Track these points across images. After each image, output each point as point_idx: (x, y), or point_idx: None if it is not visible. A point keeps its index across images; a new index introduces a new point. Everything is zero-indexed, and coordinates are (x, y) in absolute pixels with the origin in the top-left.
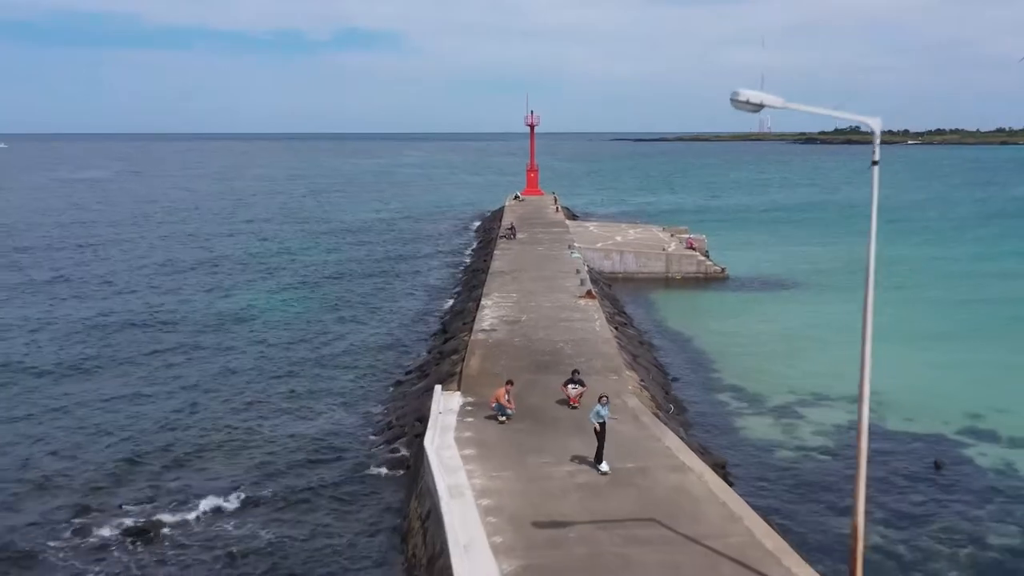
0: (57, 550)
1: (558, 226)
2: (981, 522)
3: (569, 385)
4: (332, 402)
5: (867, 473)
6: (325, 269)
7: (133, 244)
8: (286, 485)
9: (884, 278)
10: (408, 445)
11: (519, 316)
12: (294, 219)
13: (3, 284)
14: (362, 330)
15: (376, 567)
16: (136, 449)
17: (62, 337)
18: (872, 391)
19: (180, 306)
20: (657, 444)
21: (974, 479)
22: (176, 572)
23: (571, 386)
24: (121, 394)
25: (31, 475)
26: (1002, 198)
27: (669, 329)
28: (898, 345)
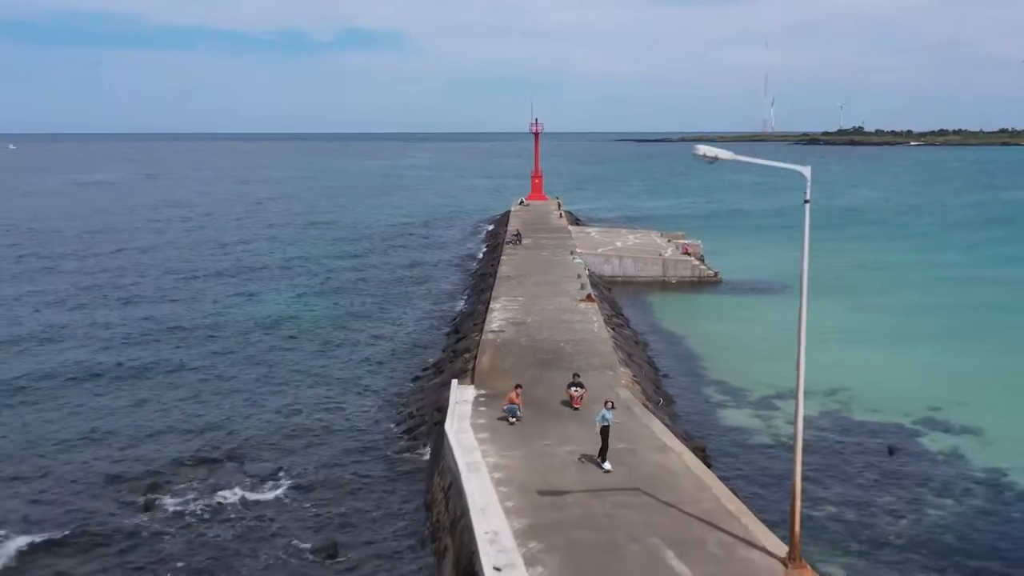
0: (140, 522)
1: (561, 231)
2: (922, 498)
3: (572, 388)
4: (359, 396)
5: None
6: (343, 274)
7: (163, 251)
8: (324, 467)
9: (868, 282)
10: (428, 432)
11: (525, 318)
12: (310, 224)
13: (53, 291)
14: (381, 332)
15: (405, 531)
16: (195, 439)
17: (116, 342)
18: (842, 386)
19: (215, 312)
20: (644, 430)
21: (922, 463)
22: (236, 537)
23: (573, 388)
24: (175, 393)
25: (107, 462)
26: (996, 202)
27: (663, 330)
28: (871, 345)
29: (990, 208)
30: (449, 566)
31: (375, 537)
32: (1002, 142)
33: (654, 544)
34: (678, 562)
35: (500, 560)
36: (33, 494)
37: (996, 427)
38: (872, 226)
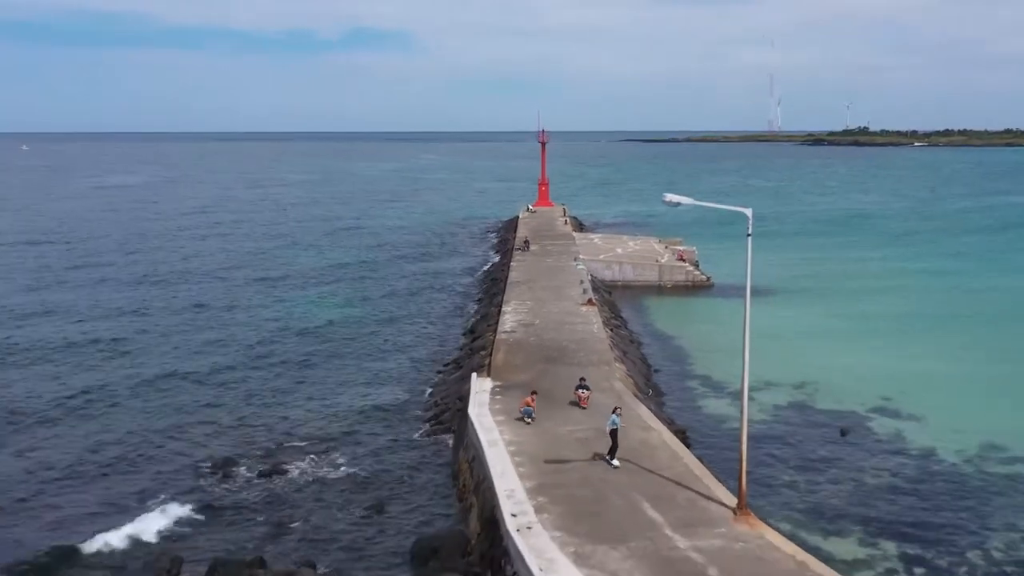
0: (228, 489)
1: (566, 238)
2: (862, 471)
3: (579, 389)
4: (392, 388)
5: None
6: (366, 280)
7: (203, 260)
8: (367, 445)
9: (849, 286)
10: (452, 416)
11: (533, 320)
12: (333, 229)
13: (115, 302)
14: (406, 332)
15: (436, 493)
16: (257, 416)
17: (183, 348)
18: (809, 379)
19: (257, 317)
20: (632, 414)
21: (867, 443)
22: (305, 499)
23: (580, 390)
24: (238, 389)
25: (193, 446)
26: (985, 207)
27: (657, 330)
28: (840, 343)
29: (982, 212)
30: (475, 517)
31: (413, 498)
32: (1006, 143)
33: (635, 498)
34: (652, 511)
35: (516, 509)
36: (150, 474)
37: (935, 414)
38: (863, 232)
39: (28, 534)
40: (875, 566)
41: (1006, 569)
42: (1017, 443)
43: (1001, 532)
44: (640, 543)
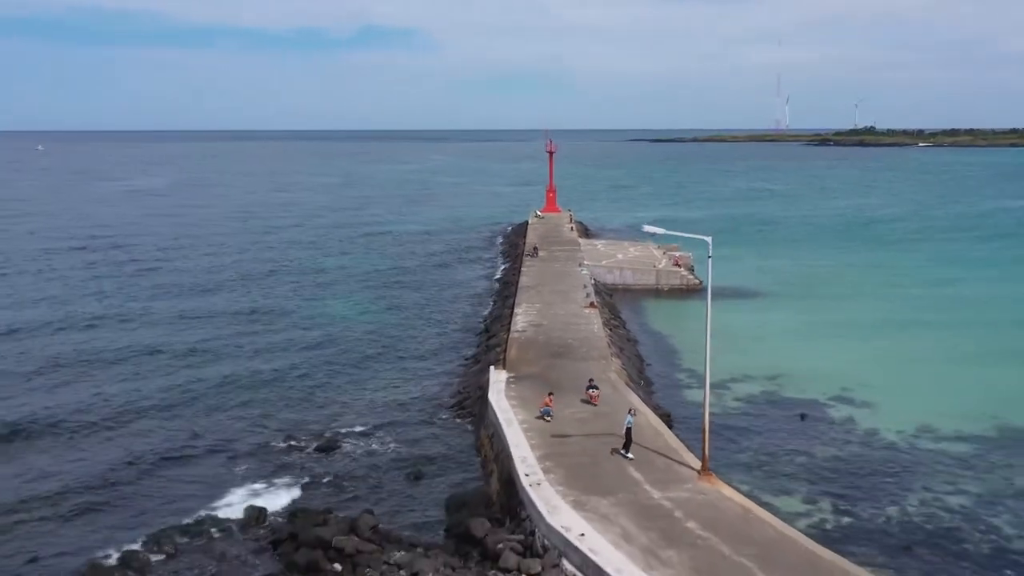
0: (286, 458)
1: (572, 244)
2: (814, 447)
3: (589, 389)
4: (420, 379)
5: (751, 421)
6: (391, 282)
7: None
8: (403, 426)
9: (829, 288)
10: (474, 402)
11: (541, 321)
12: (357, 235)
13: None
14: (429, 331)
15: (463, 462)
16: (310, 405)
17: (245, 347)
18: (781, 372)
19: (301, 316)
20: (624, 400)
21: (823, 425)
22: (354, 467)
23: (591, 390)
24: (291, 373)
25: (254, 423)
26: (974, 211)
27: (652, 329)
28: (811, 340)
29: (973, 218)
30: (495, 479)
31: (445, 466)
32: (1010, 143)
33: (623, 464)
34: (636, 473)
35: (528, 471)
36: (234, 453)
37: (883, 403)
38: (854, 237)
39: (147, 504)
40: (811, 516)
41: (915, 519)
42: (945, 426)
43: (917, 492)
44: (624, 495)
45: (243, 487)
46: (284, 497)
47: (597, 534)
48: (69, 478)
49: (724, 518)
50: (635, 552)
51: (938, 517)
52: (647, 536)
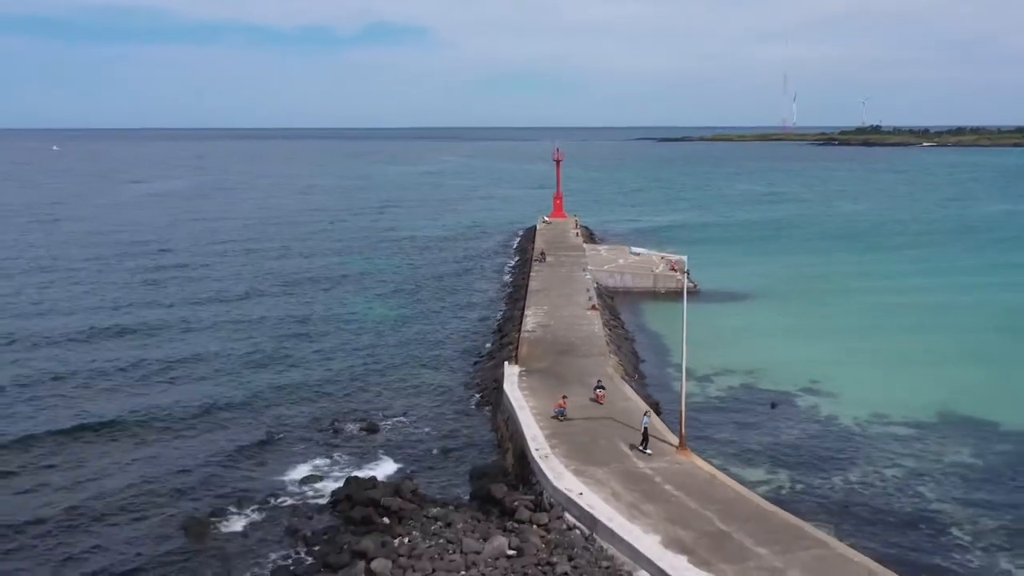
0: (333, 437)
1: (577, 250)
2: (780, 430)
3: (597, 389)
4: (443, 372)
5: (727, 409)
6: (412, 284)
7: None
8: (429, 412)
9: (812, 291)
10: (491, 392)
11: (548, 322)
12: (378, 239)
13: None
14: (448, 329)
15: (483, 441)
16: (350, 393)
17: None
18: (758, 366)
19: (335, 316)
20: (619, 391)
21: (790, 412)
22: (390, 444)
23: (598, 390)
24: (333, 366)
25: (306, 409)
26: (966, 216)
27: (648, 329)
28: (789, 338)
29: (960, 222)
30: (510, 454)
31: (468, 443)
32: (1014, 143)
33: (615, 441)
34: (625, 448)
35: (537, 446)
36: (292, 437)
37: (845, 393)
38: (844, 240)
39: (232, 475)
40: (769, 484)
41: (854, 486)
42: (894, 414)
43: (860, 467)
44: (615, 465)
45: (305, 462)
46: (339, 468)
47: (593, 493)
48: (167, 461)
49: (694, 482)
50: (622, 506)
51: (874, 486)
52: (632, 495)
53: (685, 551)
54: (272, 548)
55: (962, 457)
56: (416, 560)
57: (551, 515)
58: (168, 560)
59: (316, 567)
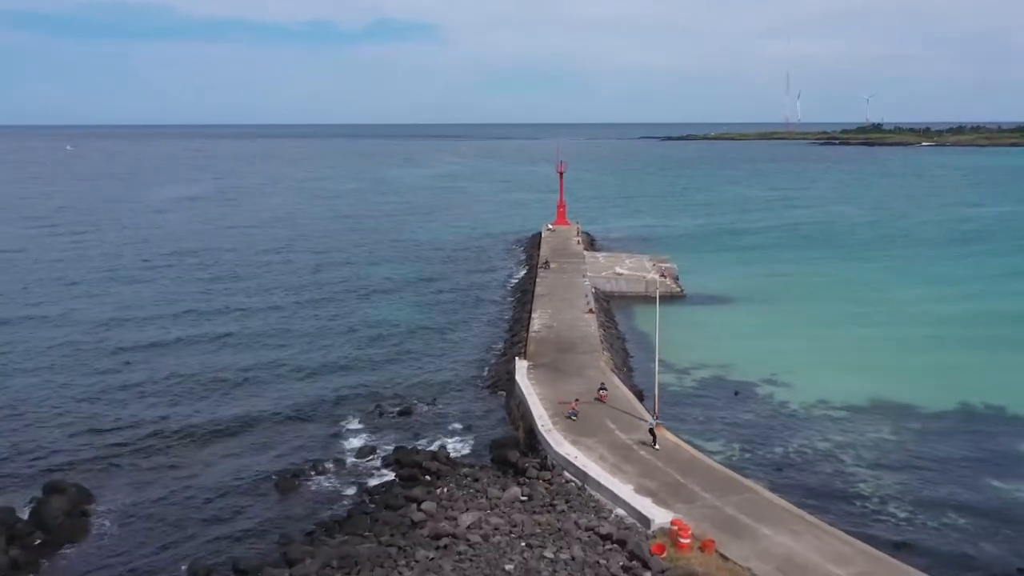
0: (376, 419)
1: (577, 257)
2: (739, 413)
3: (600, 390)
4: (462, 365)
5: (697, 396)
6: (432, 288)
7: (305, 273)
8: (455, 397)
9: (786, 293)
10: (504, 381)
11: (552, 324)
12: (395, 245)
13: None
14: (464, 329)
15: (498, 421)
16: (383, 382)
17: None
18: (729, 361)
19: (363, 316)
20: (608, 381)
21: (750, 398)
22: (424, 423)
23: (602, 391)
24: (364, 360)
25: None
26: (944, 222)
27: (638, 329)
28: (761, 336)
29: (932, 229)
30: (521, 430)
31: (487, 422)
32: (1011, 142)
33: (604, 420)
34: (612, 424)
35: (543, 424)
36: (338, 416)
37: (798, 384)
38: (824, 245)
39: (308, 444)
40: (723, 452)
41: (790, 455)
42: (836, 400)
43: (798, 441)
44: (603, 436)
45: (358, 437)
46: (386, 441)
47: (585, 456)
48: (258, 440)
49: (663, 449)
50: (606, 465)
51: (805, 453)
52: (614, 458)
53: (650, 495)
54: (344, 497)
55: (880, 434)
56: (453, 503)
57: (553, 473)
58: (268, 506)
59: (379, 508)
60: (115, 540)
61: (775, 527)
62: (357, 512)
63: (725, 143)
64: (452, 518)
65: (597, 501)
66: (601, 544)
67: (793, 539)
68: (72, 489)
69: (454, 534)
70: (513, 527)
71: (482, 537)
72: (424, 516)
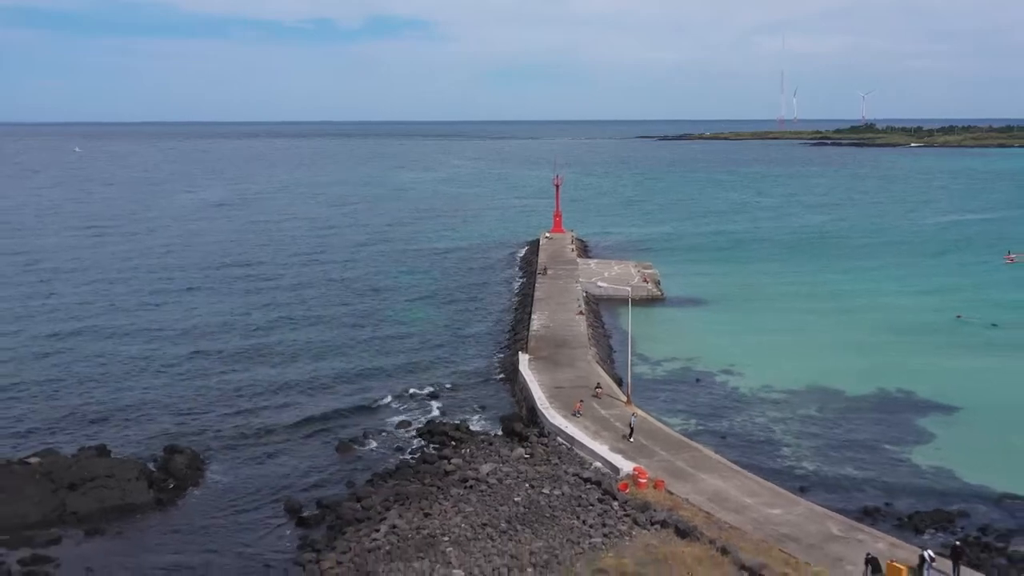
0: (407, 401)
1: (571, 264)
2: (699, 395)
3: (597, 388)
4: (473, 358)
5: (663, 382)
6: (441, 292)
7: (331, 277)
8: (468, 383)
9: (758, 297)
10: (510, 371)
11: (549, 324)
12: (406, 253)
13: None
14: (474, 329)
15: (506, 402)
16: (407, 371)
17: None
18: (697, 354)
19: (382, 315)
20: (593, 370)
21: (709, 384)
22: (448, 403)
23: (598, 388)
24: (398, 355)
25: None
26: (909, 228)
27: (620, 328)
28: (727, 335)
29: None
30: (524, 408)
31: (496, 404)
32: (998, 143)
33: (589, 401)
34: (595, 403)
35: (542, 404)
36: (382, 391)
37: (751, 373)
38: (800, 253)
39: (356, 420)
40: (681, 425)
41: (735, 428)
42: (778, 385)
43: (743, 417)
44: (587, 413)
45: (396, 414)
46: (419, 417)
47: (573, 427)
48: (319, 414)
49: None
50: (588, 433)
51: (745, 426)
52: (595, 427)
53: (620, 453)
54: (390, 456)
55: (808, 411)
56: (474, 459)
57: (549, 438)
58: (334, 463)
59: (419, 463)
60: (226, 486)
61: (710, 474)
62: (403, 466)
63: (721, 143)
64: (475, 468)
65: (582, 458)
66: (583, 485)
67: (722, 481)
68: (188, 450)
69: (476, 478)
70: (519, 474)
71: (497, 480)
72: (454, 467)
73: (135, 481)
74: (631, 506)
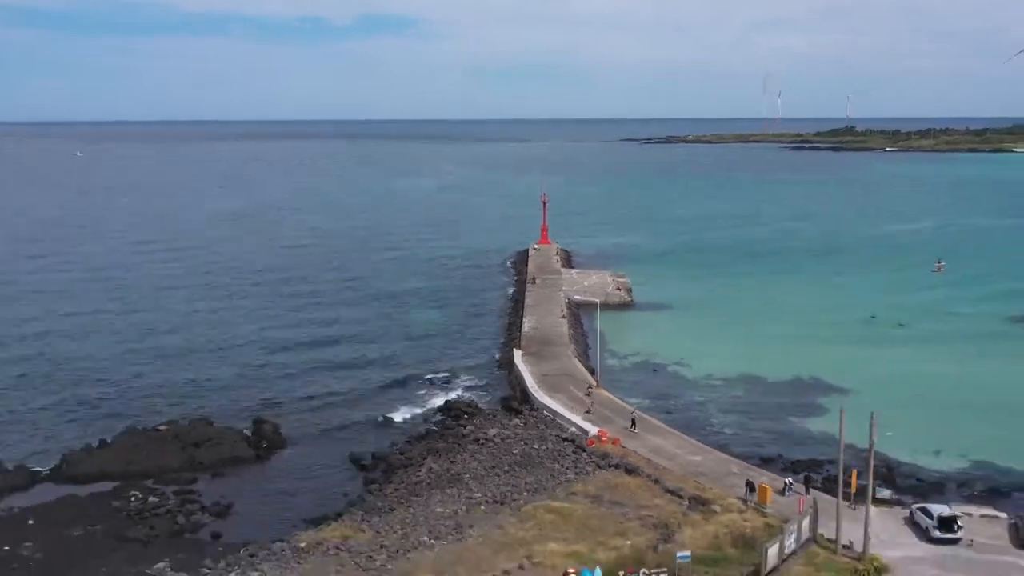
0: (427, 394)
1: (556, 274)
2: (655, 383)
3: (589, 388)
4: (474, 354)
5: (632, 374)
6: (444, 296)
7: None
8: (472, 374)
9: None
10: (506, 364)
11: (537, 326)
12: (410, 263)
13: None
14: (474, 330)
15: (505, 386)
16: (419, 364)
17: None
18: (659, 351)
19: (392, 316)
20: (573, 364)
21: (665, 373)
22: (458, 388)
23: (589, 388)
24: (413, 351)
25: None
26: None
27: (595, 329)
28: (694, 335)
29: (834, 240)
30: (518, 391)
31: (496, 389)
32: (969, 148)
33: (568, 386)
34: (573, 387)
35: (532, 387)
36: (402, 385)
37: (702, 365)
38: (760, 260)
39: (383, 399)
40: (640, 403)
41: (679, 405)
42: (722, 374)
43: (688, 398)
44: (566, 394)
45: (419, 396)
46: (437, 399)
47: (555, 403)
48: (357, 396)
49: (601, 399)
50: (567, 408)
51: (688, 404)
52: (572, 404)
53: (590, 421)
54: (419, 426)
55: (736, 392)
56: (483, 426)
57: (537, 413)
58: (377, 432)
59: (443, 429)
60: (304, 447)
61: (654, 435)
62: (431, 431)
63: (703, 148)
64: (484, 431)
65: (561, 425)
66: (562, 443)
67: (662, 439)
68: (270, 423)
69: (486, 438)
70: (517, 436)
71: (501, 439)
72: (469, 432)
73: (239, 442)
74: (595, 455)
